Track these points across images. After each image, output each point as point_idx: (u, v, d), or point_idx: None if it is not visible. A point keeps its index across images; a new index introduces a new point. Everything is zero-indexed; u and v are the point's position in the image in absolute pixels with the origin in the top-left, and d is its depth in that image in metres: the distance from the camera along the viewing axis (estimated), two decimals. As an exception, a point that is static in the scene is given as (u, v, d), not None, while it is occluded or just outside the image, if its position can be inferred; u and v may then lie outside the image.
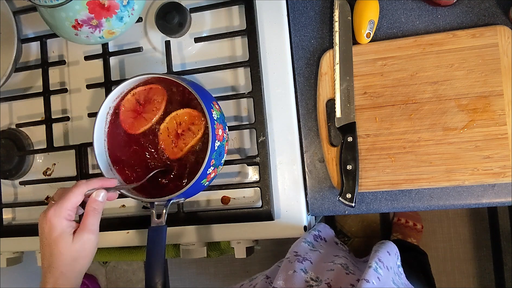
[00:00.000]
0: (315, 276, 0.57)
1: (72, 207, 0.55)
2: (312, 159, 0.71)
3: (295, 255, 0.61)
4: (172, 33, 0.72)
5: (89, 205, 0.57)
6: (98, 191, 0.58)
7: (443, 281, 1.45)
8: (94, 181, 0.58)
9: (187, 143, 0.64)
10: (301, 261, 0.59)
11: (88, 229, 0.56)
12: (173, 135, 0.65)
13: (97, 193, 0.57)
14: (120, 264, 1.72)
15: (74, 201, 0.55)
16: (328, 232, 0.72)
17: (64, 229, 0.54)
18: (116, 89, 0.65)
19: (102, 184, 0.58)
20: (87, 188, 0.57)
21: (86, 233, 0.55)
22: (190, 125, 0.65)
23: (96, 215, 0.57)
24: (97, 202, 0.57)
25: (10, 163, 0.80)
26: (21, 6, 0.81)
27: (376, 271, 0.56)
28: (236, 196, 0.73)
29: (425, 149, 0.65)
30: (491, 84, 0.63)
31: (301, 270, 0.57)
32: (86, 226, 0.56)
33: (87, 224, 0.56)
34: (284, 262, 0.60)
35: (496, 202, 0.65)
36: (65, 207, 0.54)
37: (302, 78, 0.72)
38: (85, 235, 0.55)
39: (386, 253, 0.63)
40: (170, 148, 0.65)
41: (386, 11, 0.68)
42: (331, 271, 0.58)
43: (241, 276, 1.60)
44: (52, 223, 0.54)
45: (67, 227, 0.55)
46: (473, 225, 1.45)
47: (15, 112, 0.84)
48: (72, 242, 0.54)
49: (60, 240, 0.54)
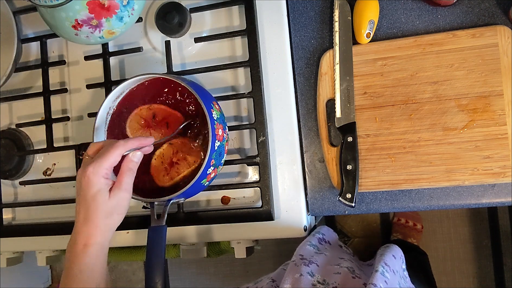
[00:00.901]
0: (322, 279, 0.57)
1: (110, 167, 0.56)
2: (312, 159, 0.71)
3: (301, 258, 0.61)
4: (172, 33, 0.72)
5: (125, 165, 0.58)
6: (135, 152, 0.59)
7: (443, 281, 1.45)
8: (132, 142, 0.59)
9: (179, 173, 0.65)
10: (307, 264, 0.59)
11: (123, 188, 0.57)
12: (167, 163, 0.66)
13: (133, 154, 0.59)
14: (120, 264, 1.72)
15: (112, 161, 0.56)
16: (332, 236, 0.72)
17: (102, 186, 0.56)
18: (116, 89, 0.65)
19: (139, 144, 0.59)
20: (125, 149, 0.57)
21: (122, 191, 0.57)
22: (187, 155, 0.65)
23: (131, 175, 0.58)
24: (133, 162, 0.59)
25: (10, 163, 0.80)
26: (21, 6, 0.81)
27: (383, 275, 0.56)
28: (236, 196, 0.73)
29: (425, 149, 0.65)
30: (491, 84, 0.63)
31: (308, 273, 0.57)
32: (121, 185, 0.57)
33: (123, 183, 0.57)
34: (290, 265, 0.60)
35: (496, 202, 0.65)
36: (103, 166, 0.55)
37: (302, 78, 0.72)
38: (121, 193, 0.57)
39: (391, 257, 0.63)
40: (160, 176, 0.66)
41: (386, 11, 0.68)
42: (338, 274, 0.58)
43: (241, 276, 1.60)
44: (91, 179, 0.55)
45: (105, 184, 0.56)
46: (473, 225, 1.45)
47: (15, 112, 0.84)
48: (108, 199, 0.56)
49: (98, 197, 0.56)
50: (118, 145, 0.57)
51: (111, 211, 0.56)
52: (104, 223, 0.56)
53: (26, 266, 0.86)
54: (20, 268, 0.86)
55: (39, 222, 0.79)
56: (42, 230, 0.78)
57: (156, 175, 0.66)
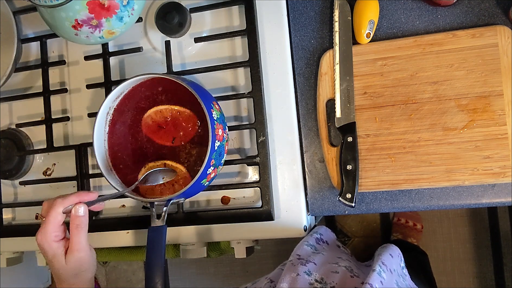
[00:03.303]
0: (319, 277, 0.57)
1: (55, 229, 0.55)
2: (312, 159, 0.71)
3: (298, 258, 0.61)
4: (172, 33, 0.72)
5: (72, 223, 0.56)
6: (76, 206, 0.56)
7: (443, 281, 1.45)
8: (71, 198, 0.56)
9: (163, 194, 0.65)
10: (305, 264, 0.59)
11: (76, 249, 0.56)
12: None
13: (75, 209, 0.56)
14: (120, 264, 1.72)
15: (56, 223, 0.55)
16: (329, 236, 0.72)
17: (56, 251, 0.55)
18: (116, 89, 0.65)
19: (80, 199, 0.57)
20: (63, 206, 0.55)
21: (75, 253, 0.56)
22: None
23: (81, 232, 0.56)
24: (78, 218, 0.56)
25: (10, 163, 0.80)
26: (21, 6, 0.81)
27: (379, 275, 0.56)
28: (236, 196, 0.73)
29: (425, 149, 0.65)
30: (491, 84, 0.63)
31: (305, 272, 0.57)
32: (73, 246, 0.56)
33: (74, 244, 0.56)
34: (287, 265, 0.60)
35: (496, 202, 0.65)
36: (49, 231, 0.54)
37: (302, 78, 0.72)
38: (75, 255, 0.56)
39: (389, 256, 0.63)
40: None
41: (386, 11, 0.68)
42: (336, 273, 0.58)
43: (241, 276, 1.60)
44: (43, 247, 0.55)
45: (57, 248, 0.55)
46: (473, 225, 1.45)
47: (15, 112, 0.84)
48: (65, 263, 0.55)
49: (55, 262, 0.55)
50: (56, 204, 0.55)
51: (75, 272, 0.56)
52: (75, 282, 0.56)
53: (26, 266, 0.86)
54: (20, 268, 0.86)
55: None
56: (42, 230, 0.78)
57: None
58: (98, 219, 0.77)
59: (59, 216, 0.55)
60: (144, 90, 0.68)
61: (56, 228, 0.55)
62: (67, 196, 0.56)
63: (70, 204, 0.56)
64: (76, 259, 0.55)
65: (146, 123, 0.67)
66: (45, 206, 0.57)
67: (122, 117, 0.68)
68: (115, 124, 0.68)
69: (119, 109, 0.68)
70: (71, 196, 0.57)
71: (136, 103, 0.69)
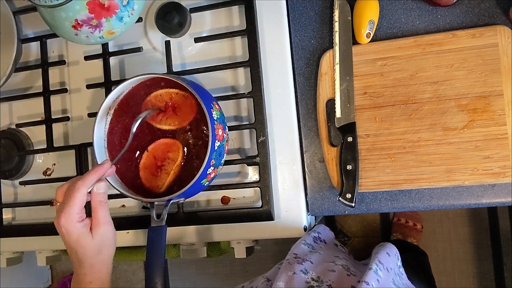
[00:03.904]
0: (316, 276, 0.57)
1: (79, 210, 0.56)
2: (312, 159, 0.71)
3: (294, 257, 0.61)
4: (172, 33, 0.72)
5: (94, 200, 0.58)
6: (98, 184, 0.58)
7: (443, 281, 1.45)
8: (90, 177, 0.57)
9: (168, 172, 0.65)
10: (301, 263, 0.59)
11: (102, 222, 0.58)
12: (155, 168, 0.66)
13: (97, 187, 0.58)
14: (120, 264, 1.72)
15: (80, 204, 0.56)
16: (328, 234, 0.72)
17: (80, 230, 0.56)
18: (116, 89, 0.65)
19: (98, 175, 0.58)
20: (87, 187, 0.57)
21: (102, 227, 0.57)
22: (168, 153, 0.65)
23: (104, 207, 0.58)
24: (100, 195, 0.58)
25: (10, 163, 0.80)
26: (21, 6, 0.81)
27: (376, 273, 0.56)
28: (236, 196, 0.73)
29: (425, 149, 0.65)
30: (491, 84, 0.63)
31: (301, 271, 0.57)
32: (99, 220, 0.57)
33: (99, 218, 0.57)
34: (284, 263, 0.60)
35: (496, 202, 0.65)
36: (73, 212, 0.55)
37: (302, 78, 0.72)
38: (101, 229, 0.57)
39: (385, 255, 0.63)
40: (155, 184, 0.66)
41: (386, 11, 0.68)
42: (333, 272, 0.58)
43: (241, 276, 1.60)
44: (67, 229, 0.56)
45: (82, 227, 0.56)
46: (473, 225, 1.45)
47: (15, 112, 0.84)
48: (92, 238, 0.57)
49: (81, 241, 0.56)
50: (78, 186, 0.56)
51: (99, 248, 0.57)
52: (97, 260, 0.57)
53: (26, 266, 0.86)
54: (20, 268, 0.86)
55: (39, 222, 0.79)
56: (42, 230, 0.78)
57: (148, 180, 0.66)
58: (98, 219, 0.77)
59: (83, 198, 0.56)
60: (144, 90, 0.68)
61: (80, 209, 0.56)
62: (86, 176, 0.57)
63: (92, 183, 0.57)
64: (103, 232, 0.57)
65: (146, 108, 0.67)
66: (61, 191, 0.58)
67: (122, 117, 0.68)
68: (115, 124, 0.68)
69: (119, 109, 0.68)
70: (90, 175, 0.57)
71: (136, 102, 0.68)
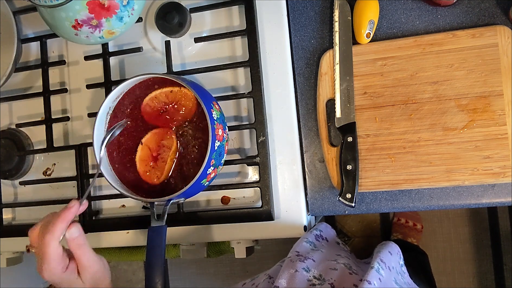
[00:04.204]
0: (318, 274, 0.57)
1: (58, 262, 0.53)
2: (312, 159, 0.71)
3: (296, 254, 0.61)
4: (172, 33, 0.72)
5: (72, 245, 0.54)
6: (69, 230, 0.54)
7: (443, 281, 1.45)
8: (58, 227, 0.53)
9: (165, 160, 0.65)
10: (303, 260, 0.59)
11: (88, 266, 0.55)
12: (151, 159, 0.66)
13: (69, 233, 0.54)
14: (120, 264, 1.72)
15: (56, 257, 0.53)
16: (329, 232, 0.72)
17: (69, 279, 0.54)
18: (116, 89, 0.65)
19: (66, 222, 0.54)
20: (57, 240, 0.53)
21: (89, 269, 0.55)
22: (161, 141, 0.65)
23: (84, 248, 0.55)
24: (75, 239, 0.54)
25: (10, 163, 0.80)
26: (21, 6, 0.81)
27: (378, 272, 0.56)
28: (236, 196, 0.73)
29: (425, 149, 0.65)
30: (491, 84, 0.63)
31: (303, 269, 0.57)
32: (84, 264, 0.55)
33: (84, 262, 0.55)
34: (286, 261, 0.60)
35: (496, 202, 0.65)
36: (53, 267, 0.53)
37: (302, 78, 0.72)
38: (89, 271, 0.55)
39: (387, 253, 0.63)
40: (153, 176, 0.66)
41: (386, 11, 0.68)
42: (335, 270, 0.58)
43: (241, 276, 1.60)
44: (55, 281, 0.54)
45: (70, 275, 0.54)
46: (473, 225, 1.45)
47: (15, 112, 0.84)
48: (83, 283, 0.55)
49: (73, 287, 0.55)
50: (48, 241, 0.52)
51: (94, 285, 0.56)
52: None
53: (26, 266, 0.86)
54: (20, 268, 0.85)
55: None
56: (42, 230, 0.78)
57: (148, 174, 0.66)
58: (98, 219, 0.77)
59: (57, 249, 0.53)
60: (144, 90, 0.68)
61: (59, 261, 0.53)
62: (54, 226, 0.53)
63: (62, 233, 0.53)
64: (92, 274, 0.55)
65: (146, 112, 0.67)
66: (32, 236, 0.55)
67: (122, 117, 0.68)
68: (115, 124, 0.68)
69: (119, 109, 0.68)
70: (57, 225, 0.53)
71: (135, 103, 0.68)
